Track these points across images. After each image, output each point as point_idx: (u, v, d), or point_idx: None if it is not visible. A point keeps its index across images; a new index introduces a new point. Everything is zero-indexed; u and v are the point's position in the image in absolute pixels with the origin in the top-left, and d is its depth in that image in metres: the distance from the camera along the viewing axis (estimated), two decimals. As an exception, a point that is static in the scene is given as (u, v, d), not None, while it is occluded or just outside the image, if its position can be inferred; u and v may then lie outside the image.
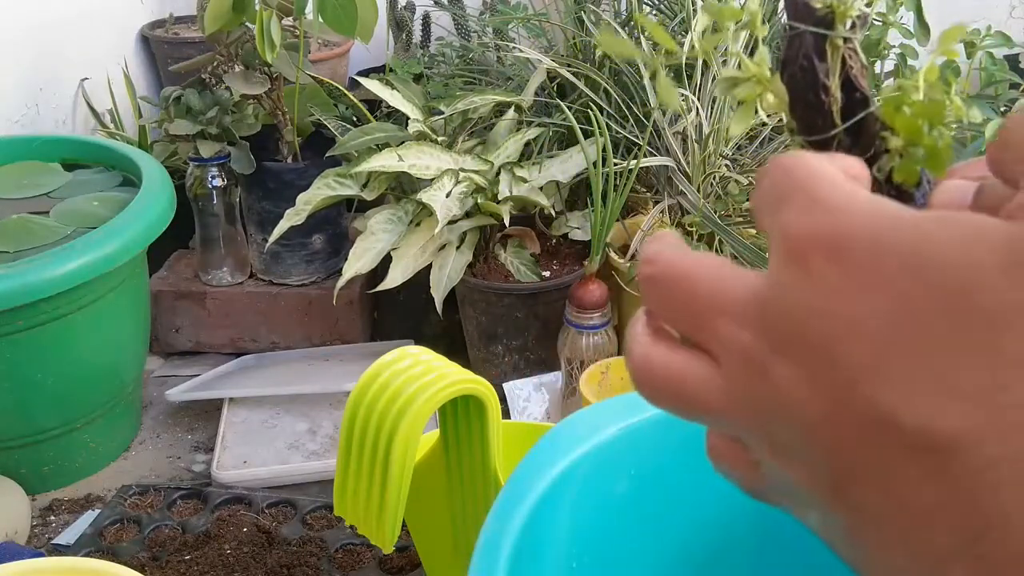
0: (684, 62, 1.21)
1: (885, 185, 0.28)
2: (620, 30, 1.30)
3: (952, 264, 0.20)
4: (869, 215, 0.22)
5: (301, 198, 1.22)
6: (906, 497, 0.21)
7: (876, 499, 0.21)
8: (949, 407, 0.20)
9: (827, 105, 0.28)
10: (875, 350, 0.21)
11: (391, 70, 1.59)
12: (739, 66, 0.30)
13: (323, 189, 1.22)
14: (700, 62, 1.19)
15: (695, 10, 1.21)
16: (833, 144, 0.28)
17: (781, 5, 1.33)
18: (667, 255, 0.25)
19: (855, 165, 0.25)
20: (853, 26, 0.28)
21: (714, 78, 1.19)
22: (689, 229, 1.13)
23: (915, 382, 0.20)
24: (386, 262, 1.17)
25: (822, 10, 0.28)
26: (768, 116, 0.30)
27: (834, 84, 0.28)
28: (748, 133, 1.25)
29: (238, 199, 1.39)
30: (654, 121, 1.18)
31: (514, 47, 1.45)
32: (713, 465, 0.27)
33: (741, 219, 1.16)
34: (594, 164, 1.12)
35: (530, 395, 1.17)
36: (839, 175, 0.23)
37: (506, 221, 1.17)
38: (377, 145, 1.23)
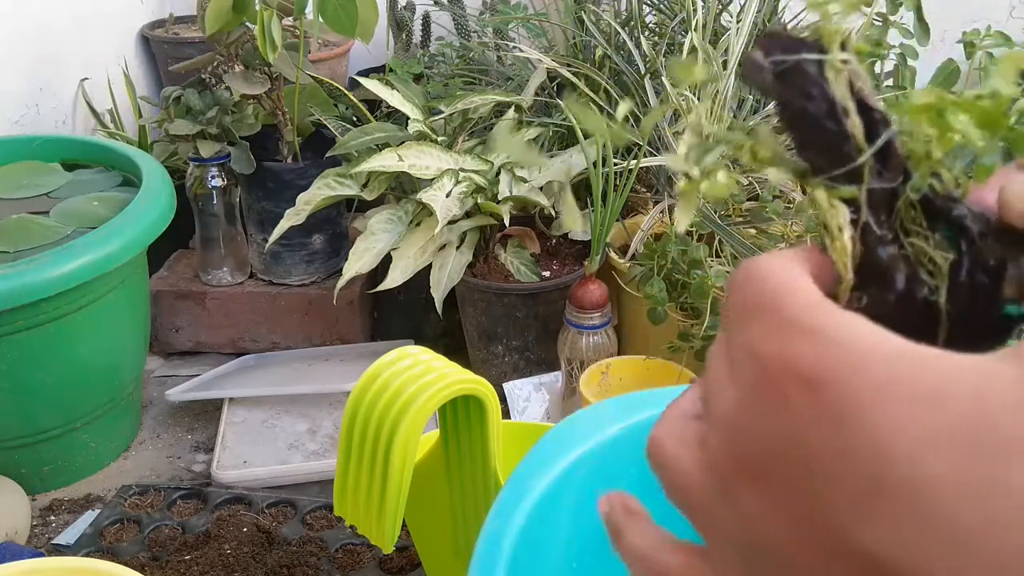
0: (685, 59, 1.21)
1: (925, 203, 0.26)
2: (620, 30, 1.30)
3: (962, 401, 0.19)
4: (845, 344, 0.21)
5: (301, 198, 1.22)
6: None
7: None
8: (931, 545, 0.19)
9: (850, 129, 0.26)
10: (864, 489, 0.20)
11: (391, 70, 1.59)
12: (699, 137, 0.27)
13: (323, 189, 1.22)
14: (700, 60, 1.19)
15: (695, 10, 1.21)
16: (864, 172, 0.25)
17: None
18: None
19: (824, 261, 0.25)
20: (844, 46, 0.26)
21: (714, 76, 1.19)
22: (689, 229, 1.13)
23: (901, 522, 0.20)
24: (386, 262, 1.17)
25: (810, 36, 0.26)
26: (747, 183, 0.28)
27: (851, 106, 0.26)
28: (747, 132, 1.25)
29: (238, 199, 1.38)
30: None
31: (514, 47, 1.45)
32: None
33: (741, 219, 1.16)
34: (594, 164, 1.12)
35: (530, 395, 1.17)
36: (813, 292, 0.23)
37: (506, 221, 1.17)
38: (377, 145, 1.23)
